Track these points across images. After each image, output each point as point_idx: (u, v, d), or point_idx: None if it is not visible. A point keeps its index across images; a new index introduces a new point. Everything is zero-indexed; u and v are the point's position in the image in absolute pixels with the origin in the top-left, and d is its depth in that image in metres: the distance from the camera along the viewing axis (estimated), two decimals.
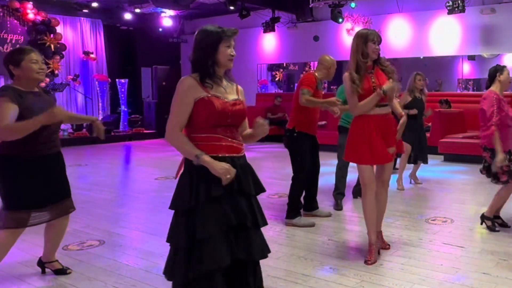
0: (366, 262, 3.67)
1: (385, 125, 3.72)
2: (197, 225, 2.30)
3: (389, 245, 4.03)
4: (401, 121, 3.85)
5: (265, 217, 2.54)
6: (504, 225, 4.53)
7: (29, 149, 3.12)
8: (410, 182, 6.70)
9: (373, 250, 3.74)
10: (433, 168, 7.91)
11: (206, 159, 2.30)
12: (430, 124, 9.25)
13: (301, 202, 4.87)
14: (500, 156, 4.08)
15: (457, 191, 6.18)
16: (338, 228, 4.69)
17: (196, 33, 2.45)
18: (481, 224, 4.34)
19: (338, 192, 5.41)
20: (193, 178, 2.35)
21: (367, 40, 3.65)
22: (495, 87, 4.24)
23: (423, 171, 7.14)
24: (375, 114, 3.68)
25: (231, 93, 2.47)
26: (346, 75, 3.70)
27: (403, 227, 4.66)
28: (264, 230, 4.76)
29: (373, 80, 3.66)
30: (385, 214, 5.10)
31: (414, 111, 6.20)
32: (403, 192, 6.24)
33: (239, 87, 2.58)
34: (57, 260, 3.58)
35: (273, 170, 8.21)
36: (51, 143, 3.24)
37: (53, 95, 3.42)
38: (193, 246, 2.32)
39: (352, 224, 4.84)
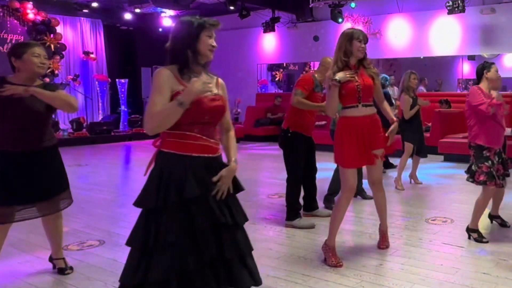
0: (337, 264, 3.60)
1: (372, 126, 3.66)
2: (163, 228, 2.18)
3: (387, 246, 4.01)
4: (392, 127, 3.77)
5: (245, 214, 2.45)
6: (503, 224, 4.52)
7: None
8: (410, 182, 6.69)
9: (335, 252, 3.70)
10: (433, 168, 7.92)
11: (183, 95, 2.18)
12: (430, 124, 9.25)
13: (300, 203, 4.86)
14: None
15: (457, 191, 6.18)
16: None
17: (175, 23, 2.37)
18: (468, 238, 4.22)
19: (334, 195, 5.36)
20: (163, 175, 2.24)
21: (352, 38, 3.59)
22: (482, 85, 4.15)
23: (423, 171, 7.14)
24: (361, 115, 3.63)
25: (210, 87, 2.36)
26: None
27: (403, 227, 4.66)
28: (264, 230, 4.76)
29: (356, 79, 3.60)
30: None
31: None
32: (403, 192, 6.24)
33: (220, 80, 2.46)
34: (63, 258, 3.56)
35: (273, 170, 8.21)
36: (21, 140, 3.17)
37: (51, 89, 3.29)
38: (152, 250, 2.19)
39: (351, 224, 4.84)
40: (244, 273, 2.34)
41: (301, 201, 4.90)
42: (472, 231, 4.20)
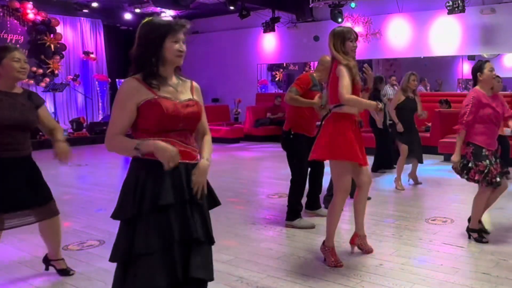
0: (337, 264, 3.61)
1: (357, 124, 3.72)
2: (137, 237, 2.08)
3: (372, 249, 3.94)
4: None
5: (212, 236, 2.28)
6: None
7: None
8: (408, 182, 6.68)
9: (335, 252, 3.70)
10: (433, 168, 7.92)
11: (149, 143, 2.05)
12: (430, 124, 9.25)
13: (301, 204, 4.85)
14: (455, 158, 4.07)
15: (457, 191, 6.17)
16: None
17: (139, 26, 2.19)
18: (469, 238, 4.20)
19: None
20: (138, 183, 2.12)
21: (344, 39, 3.55)
22: (479, 86, 4.11)
23: (423, 171, 7.14)
24: (357, 113, 3.66)
25: (183, 92, 2.21)
26: (341, 67, 3.50)
27: (403, 227, 4.66)
28: (264, 230, 4.75)
29: (358, 79, 3.61)
30: (385, 214, 5.14)
31: (400, 129, 6.28)
32: (403, 192, 6.24)
33: (195, 83, 2.31)
34: (63, 259, 3.54)
35: (273, 170, 8.21)
36: (11, 146, 3.07)
37: (37, 100, 3.22)
38: (129, 261, 2.10)
39: (351, 224, 4.82)
40: None
41: (304, 199, 4.89)
42: (472, 231, 4.19)
